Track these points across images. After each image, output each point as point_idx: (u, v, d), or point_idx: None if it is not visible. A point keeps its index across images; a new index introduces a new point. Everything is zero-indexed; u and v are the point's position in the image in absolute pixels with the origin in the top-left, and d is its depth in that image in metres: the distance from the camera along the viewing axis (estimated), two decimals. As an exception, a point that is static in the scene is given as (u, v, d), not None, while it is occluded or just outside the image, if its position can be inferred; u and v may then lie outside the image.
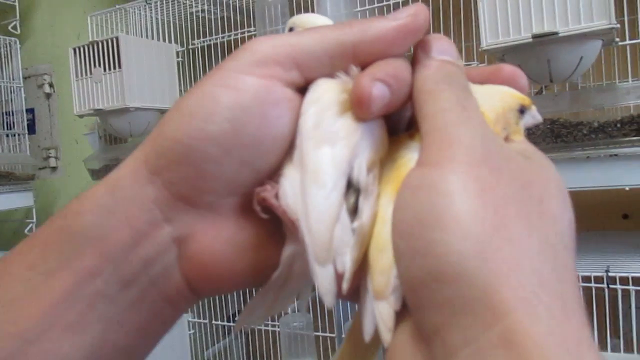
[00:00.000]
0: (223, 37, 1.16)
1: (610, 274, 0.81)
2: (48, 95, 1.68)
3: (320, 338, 1.07)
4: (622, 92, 0.76)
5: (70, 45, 1.21)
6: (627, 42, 0.79)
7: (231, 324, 1.19)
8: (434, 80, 0.23)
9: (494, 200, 0.19)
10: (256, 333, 1.19)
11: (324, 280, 0.21)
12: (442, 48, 0.24)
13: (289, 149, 0.24)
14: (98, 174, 1.28)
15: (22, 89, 1.57)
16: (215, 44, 1.17)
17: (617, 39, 0.77)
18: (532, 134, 0.77)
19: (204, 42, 1.20)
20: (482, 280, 0.17)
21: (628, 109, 0.77)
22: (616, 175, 0.77)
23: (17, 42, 1.55)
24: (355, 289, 0.22)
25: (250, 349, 1.26)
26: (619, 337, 0.84)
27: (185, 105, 0.23)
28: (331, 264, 0.22)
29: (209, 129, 0.22)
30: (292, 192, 0.23)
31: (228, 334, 1.27)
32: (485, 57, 0.87)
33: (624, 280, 0.80)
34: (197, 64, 1.22)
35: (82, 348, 0.23)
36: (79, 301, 0.23)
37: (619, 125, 0.74)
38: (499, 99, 0.25)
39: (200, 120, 0.22)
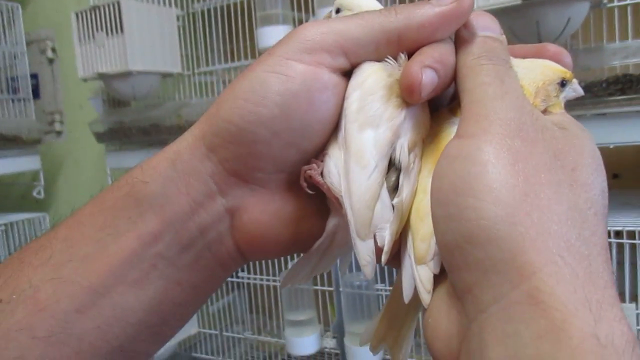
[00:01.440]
0: (223, 1, 1.17)
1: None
2: (51, 61, 1.69)
3: (319, 292, 1.12)
4: (609, 53, 0.79)
5: (71, 10, 1.22)
6: (615, 3, 0.80)
7: (236, 279, 1.23)
8: (475, 56, 0.23)
9: (525, 169, 0.20)
10: (258, 288, 1.24)
11: (364, 254, 0.23)
12: (485, 24, 0.25)
13: (334, 130, 0.26)
14: (103, 137, 1.32)
15: (26, 54, 1.59)
16: (215, 8, 1.19)
17: (606, 1, 0.79)
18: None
19: (204, 5, 1.21)
20: (511, 243, 0.18)
21: (614, 70, 0.79)
22: (602, 134, 0.80)
23: (19, 8, 1.56)
24: (394, 255, 0.24)
25: (253, 304, 1.31)
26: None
27: (239, 89, 0.25)
28: (371, 239, 0.23)
29: (260, 113, 0.24)
30: (336, 171, 0.25)
31: (232, 289, 1.32)
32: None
33: (618, 235, 0.84)
34: (197, 28, 1.24)
35: (145, 302, 0.25)
36: (143, 261, 0.25)
37: (604, 85, 0.77)
38: (540, 72, 0.25)
39: (252, 104, 0.24)
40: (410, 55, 0.25)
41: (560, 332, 0.17)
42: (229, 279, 1.25)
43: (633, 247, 0.83)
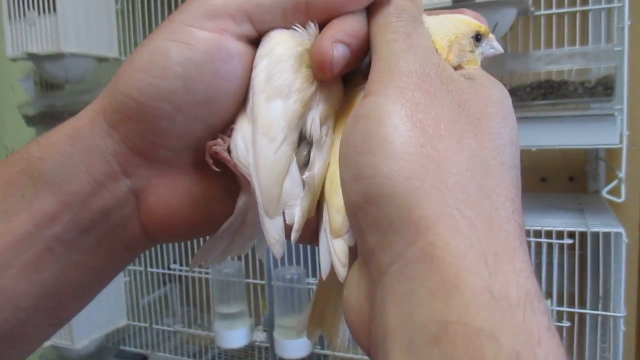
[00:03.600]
0: (163, -14, 1.15)
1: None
2: (-18, 39, 1.61)
3: (251, 285, 1.11)
4: (534, 59, 0.82)
5: (4, -14, 1.17)
6: (542, 12, 0.84)
7: (167, 271, 1.21)
8: (385, 15, 0.23)
9: (423, 120, 0.19)
10: (190, 281, 1.22)
11: (272, 232, 0.22)
12: None
13: (242, 102, 0.24)
14: (33, 120, 1.26)
15: (-47, 30, 1.51)
16: (156, -7, 1.16)
17: (533, 9, 0.82)
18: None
19: (143, -11, 1.18)
20: (406, 198, 0.18)
21: (539, 75, 0.82)
22: (526, 137, 0.83)
23: (-53, -20, 1.48)
24: (314, 232, 0.23)
25: (184, 297, 1.29)
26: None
27: (137, 60, 0.23)
28: (280, 217, 0.22)
29: (160, 86, 0.22)
30: (243, 145, 0.23)
31: (164, 283, 1.30)
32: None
33: (532, 233, 0.88)
34: (136, 12, 1.21)
35: (39, 286, 0.24)
36: (37, 243, 0.23)
37: (528, 89, 0.80)
38: (452, 25, 0.24)
39: (151, 76, 0.22)
40: (321, 26, 0.24)
41: (453, 288, 0.16)
42: (162, 270, 1.22)
43: (550, 246, 0.86)
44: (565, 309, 0.88)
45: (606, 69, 0.77)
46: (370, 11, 0.24)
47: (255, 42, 0.24)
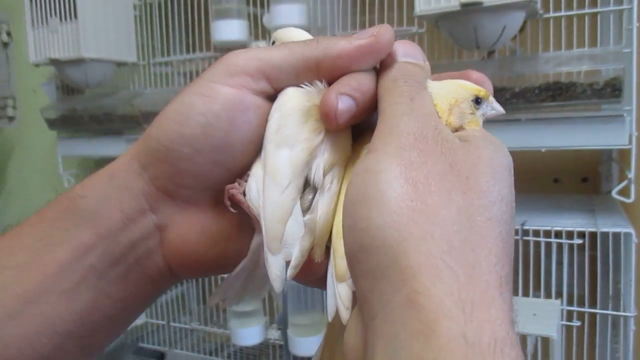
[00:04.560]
0: (180, -8, 1.18)
1: (524, 227, 0.89)
2: (5, 44, 1.66)
3: (266, 284, 1.13)
4: (542, 61, 0.83)
5: (27, -6, 1.20)
6: (551, 14, 0.85)
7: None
8: (392, 79, 0.25)
9: (416, 178, 0.20)
10: (206, 280, 1.25)
11: (274, 268, 0.24)
12: (407, 51, 0.26)
13: (258, 150, 0.27)
14: (55, 123, 1.30)
15: (-22, 37, 1.56)
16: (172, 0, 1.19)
17: (541, 12, 0.83)
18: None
19: (161, -5, 1.21)
20: (395, 248, 0.19)
21: (548, 77, 0.83)
22: (535, 139, 0.84)
23: (-27, -11, 1.53)
24: (318, 276, 0.25)
25: (201, 296, 1.32)
26: (539, 289, 0.93)
27: (168, 111, 0.27)
28: (281, 254, 0.24)
29: (184, 132, 0.26)
30: (255, 189, 0.26)
31: (181, 282, 1.32)
32: (424, 22, 0.93)
33: (542, 234, 0.88)
34: (154, 18, 1.24)
35: (75, 312, 0.26)
36: (75, 272, 0.26)
37: (537, 91, 0.81)
38: (453, 90, 0.26)
39: (177, 124, 0.26)
40: (332, 83, 0.26)
41: (430, 332, 0.17)
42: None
43: (560, 246, 0.87)
44: (575, 308, 0.89)
45: (614, 71, 0.77)
46: (379, 73, 0.26)
47: (272, 97, 0.27)
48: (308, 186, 0.26)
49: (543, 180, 1.19)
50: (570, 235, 0.86)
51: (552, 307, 0.83)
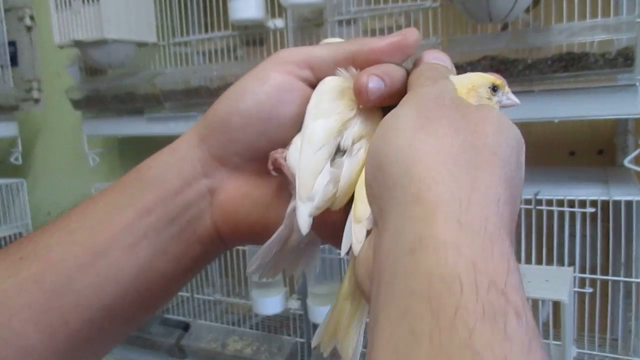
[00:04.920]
0: (197, -27, 1.20)
1: (538, 197, 0.91)
2: (29, 28, 1.70)
3: (285, 256, 1.17)
4: (555, 32, 0.84)
5: (49, -22, 1.23)
6: (565, -15, 0.85)
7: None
8: (420, 71, 0.30)
9: (430, 117, 0.24)
10: (228, 253, 1.29)
11: (303, 213, 0.28)
12: (435, 56, 0.31)
13: (300, 127, 0.31)
14: (79, 103, 1.35)
15: (4, 22, 1.60)
16: (191, -21, 1.22)
17: (554, -17, 0.84)
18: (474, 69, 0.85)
19: (179, -24, 1.24)
20: (407, 160, 0.22)
21: (561, 48, 0.84)
22: (548, 109, 0.86)
23: (-3, -26, 1.57)
24: (333, 233, 0.29)
25: (223, 269, 1.36)
26: (552, 258, 0.95)
27: (226, 92, 0.32)
28: (310, 202, 0.28)
29: (238, 106, 0.31)
30: (295, 154, 0.30)
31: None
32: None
33: (555, 203, 0.90)
34: (173, -2, 1.26)
35: (135, 266, 0.30)
36: (138, 230, 0.30)
37: (549, 62, 0.82)
38: (472, 77, 0.30)
39: (233, 100, 0.31)
40: None
41: (431, 216, 0.20)
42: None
43: (573, 215, 0.89)
44: (588, 275, 0.91)
45: (627, 40, 0.78)
46: (411, 70, 0.31)
47: (314, 85, 0.32)
48: (339, 153, 0.30)
49: (559, 153, 1.20)
50: (582, 204, 0.88)
51: (565, 273, 0.85)
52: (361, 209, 0.27)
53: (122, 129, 1.32)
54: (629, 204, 0.85)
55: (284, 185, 0.31)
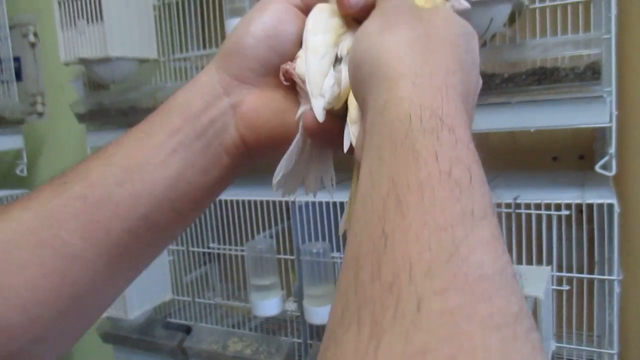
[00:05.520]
0: (196, -7, 1.26)
1: (517, 202, 0.97)
2: (33, 45, 1.76)
3: (282, 260, 1.23)
4: (528, 47, 0.90)
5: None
6: (537, 5, 0.92)
7: (207, 250, 1.34)
8: None
9: (390, 22, 0.30)
10: (228, 258, 1.35)
11: (317, 106, 0.35)
12: None
13: (300, 46, 0.37)
14: (83, 117, 1.40)
15: (9, 38, 1.66)
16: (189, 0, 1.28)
17: (527, 3, 0.90)
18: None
19: (178, -4, 1.30)
20: (376, 54, 0.29)
21: (535, 63, 0.91)
22: (526, 120, 0.92)
23: (2, -6, 1.63)
24: (331, 139, 0.35)
25: (223, 273, 1.42)
26: (532, 260, 1.01)
27: (238, 24, 0.38)
28: (322, 97, 0.35)
29: (248, 30, 0.37)
30: (302, 64, 0.36)
31: (205, 262, 1.43)
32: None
33: (533, 207, 0.96)
34: (172, 17, 1.33)
35: (167, 177, 0.35)
36: (167, 147, 0.35)
37: (524, 76, 0.89)
38: None
39: (243, 27, 0.37)
40: None
41: (393, 85, 0.27)
42: (202, 249, 1.35)
43: (549, 218, 0.95)
44: (564, 274, 0.97)
45: (595, 56, 0.85)
46: None
47: (305, 12, 0.38)
48: (337, 61, 0.36)
49: (542, 158, 1.26)
50: (558, 207, 0.94)
51: (542, 272, 0.91)
52: (353, 112, 0.33)
53: (125, 141, 1.37)
54: (600, 206, 0.91)
55: (295, 95, 0.38)
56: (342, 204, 1.09)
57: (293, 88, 0.38)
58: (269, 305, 1.18)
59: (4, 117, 1.60)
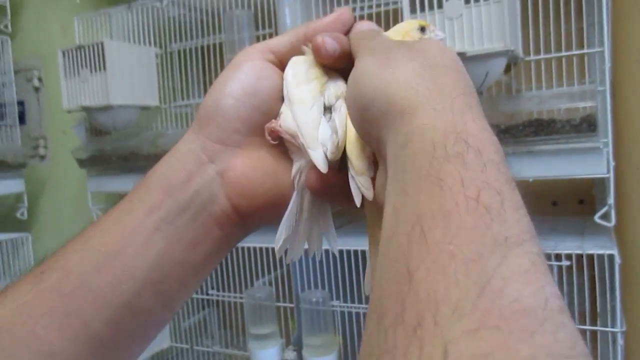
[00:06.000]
0: (197, 42, 1.29)
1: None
2: (37, 89, 1.79)
3: (281, 308, 1.22)
4: (524, 99, 0.91)
5: (57, 43, 1.32)
6: (532, 57, 0.94)
7: (206, 296, 1.33)
8: (359, 34, 0.35)
9: (385, 57, 0.29)
10: (226, 305, 1.33)
11: (317, 157, 0.32)
12: (366, 24, 0.37)
13: (282, 101, 0.35)
14: (84, 163, 1.41)
15: (13, 83, 1.68)
16: (191, 48, 1.31)
17: (522, 56, 0.92)
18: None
19: (180, 46, 1.33)
20: (384, 91, 0.27)
21: (531, 114, 0.92)
22: (525, 170, 0.92)
23: (8, 40, 1.66)
24: (336, 192, 0.34)
25: (222, 320, 1.40)
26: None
27: (212, 88, 0.36)
28: (320, 149, 0.33)
29: (225, 90, 0.34)
30: (288, 119, 0.34)
31: (204, 307, 1.41)
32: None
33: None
34: (174, 65, 1.35)
35: (149, 260, 0.32)
36: (148, 227, 0.32)
37: (521, 127, 0.90)
38: (401, 26, 0.37)
39: (219, 88, 0.35)
40: None
41: (413, 117, 0.25)
42: (201, 296, 1.34)
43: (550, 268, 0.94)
44: (567, 325, 0.96)
45: (590, 108, 0.85)
46: (350, 35, 0.36)
47: (278, 66, 0.37)
48: (326, 111, 0.35)
49: (542, 203, 1.26)
50: (558, 257, 0.93)
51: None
52: (357, 164, 0.32)
53: (126, 186, 1.38)
54: (601, 257, 0.90)
55: (285, 153, 0.36)
56: (340, 251, 1.09)
57: (281, 146, 0.36)
58: (267, 355, 1.16)
59: (6, 161, 1.61)
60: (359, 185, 0.32)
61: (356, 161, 0.32)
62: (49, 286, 0.30)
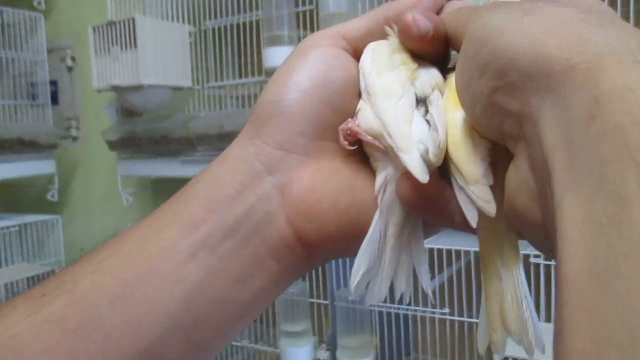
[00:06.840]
0: (233, 20, 1.22)
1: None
2: (70, 69, 1.76)
3: (315, 304, 1.15)
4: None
5: (91, 21, 1.28)
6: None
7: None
8: (454, 10, 0.27)
9: (519, 7, 0.21)
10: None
11: (411, 163, 0.24)
12: (461, 2, 0.28)
13: (358, 97, 0.28)
14: (115, 145, 1.37)
15: (46, 62, 1.65)
16: (226, 26, 1.24)
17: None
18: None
19: (215, 23, 1.26)
20: (535, 44, 0.19)
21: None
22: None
23: (42, 18, 1.63)
24: (439, 207, 0.25)
25: (252, 313, 1.34)
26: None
27: (272, 79, 0.28)
28: (415, 150, 0.24)
29: (289, 82, 0.27)
30: (368, 117, 0.26)
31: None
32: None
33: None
34: (208, 44, 1.28)
35: (179, 297, 0.24)
36: (182, 250, 0.24)
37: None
38: None
39: (282, 80, 0.27)
40: None
41: (596, 74, 0.17)
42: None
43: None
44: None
45: None
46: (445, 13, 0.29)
47: (352, 54, 0.29)
48: (420, 103, 0.26)
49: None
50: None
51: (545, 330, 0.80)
52: (469, 169, 0.23)
53: (157, 171, 1.33)
54: None
55: (365, 162, 0.27)
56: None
57: (359, 153, 0.27)
58: (299, 353, 1.09)
59: (38, 142, 1.58)
60: (474, 197, 0.23)
61: (466, 165, 0.24)
62: (50, 316, 0.23)
